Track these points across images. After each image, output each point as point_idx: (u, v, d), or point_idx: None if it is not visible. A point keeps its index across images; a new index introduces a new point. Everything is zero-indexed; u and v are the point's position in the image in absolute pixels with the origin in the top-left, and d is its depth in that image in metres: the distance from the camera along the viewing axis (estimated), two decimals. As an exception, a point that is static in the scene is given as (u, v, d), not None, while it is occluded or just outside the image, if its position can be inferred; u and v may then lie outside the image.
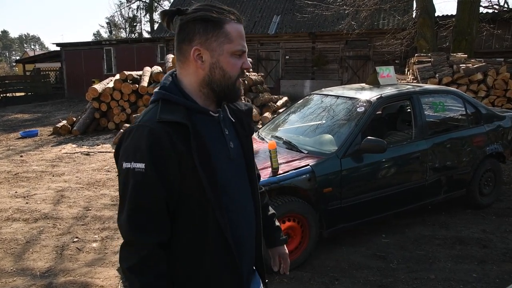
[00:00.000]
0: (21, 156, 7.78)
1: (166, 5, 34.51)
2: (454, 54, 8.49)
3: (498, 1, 11.94)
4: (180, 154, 1.10)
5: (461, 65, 7.70)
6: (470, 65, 7.72)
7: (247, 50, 1.22)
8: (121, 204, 1.14)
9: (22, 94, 19.82)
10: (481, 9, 11.14)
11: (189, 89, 1.20)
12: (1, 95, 18.54)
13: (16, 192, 5.47)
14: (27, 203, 5.01)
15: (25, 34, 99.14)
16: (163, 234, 1.13)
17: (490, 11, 12.19)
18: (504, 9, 12.17)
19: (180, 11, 1.18)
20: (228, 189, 1.20)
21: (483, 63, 7.73)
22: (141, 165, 1.08)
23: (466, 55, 8.61)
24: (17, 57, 62.78)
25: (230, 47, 1.17)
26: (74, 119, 10.52)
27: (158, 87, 1.22)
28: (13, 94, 19.45)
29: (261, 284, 1.44)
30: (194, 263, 1.18)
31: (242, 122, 1.33)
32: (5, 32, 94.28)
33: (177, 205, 1.14)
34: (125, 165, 1.10)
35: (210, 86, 1.20)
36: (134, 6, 41.65)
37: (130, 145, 1.11)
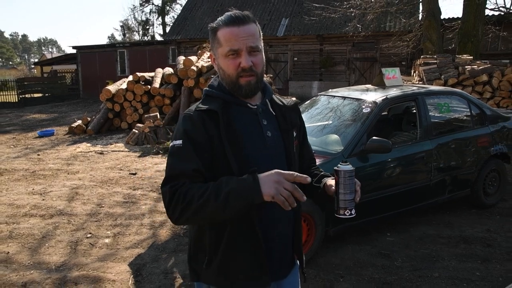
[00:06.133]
0: (38, 155, 7.99)
1: (178, 9, 34.77)
2: (460, 56, 8.47)
3: (504, 4, 11.93)
4: (212, 135, 1.29)
5: (466, 67, 7.70)
6: (476, 66, 7.71)
7: (242, 48, 1.28)
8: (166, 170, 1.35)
9: (40, 95, 20.30)
10: (487, 12, 11.09)
11: (225, 86, 1.37)
12: (20, 96, 19.00)
13: (33, 189, 5.65)
14: (43, 199, 5.18)
15: (43, 38, 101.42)
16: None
17: (496, 13, 12.13)
18: (510, 11, 12.10)
19: None
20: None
21: (489, 65, 7.71)
22: (179, 142, 1.30)
23: (472, 57, 8.58)
24: (36, 60, 63.80)
25: (221, 50, 1.32)
26: (89, 119, 10.75)
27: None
28: (32, 95, 19.94)
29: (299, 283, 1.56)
30: (219, 228, 1.34)
31: (285, 116, 1.44)
32: (24, 36, 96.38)
33: (211, 174, 1.29)
34: (171, 143, 1.34)
35: (224, 83, 1.37)
36: (147, 9, 42.17)
37: (176, 129, 1.37)
